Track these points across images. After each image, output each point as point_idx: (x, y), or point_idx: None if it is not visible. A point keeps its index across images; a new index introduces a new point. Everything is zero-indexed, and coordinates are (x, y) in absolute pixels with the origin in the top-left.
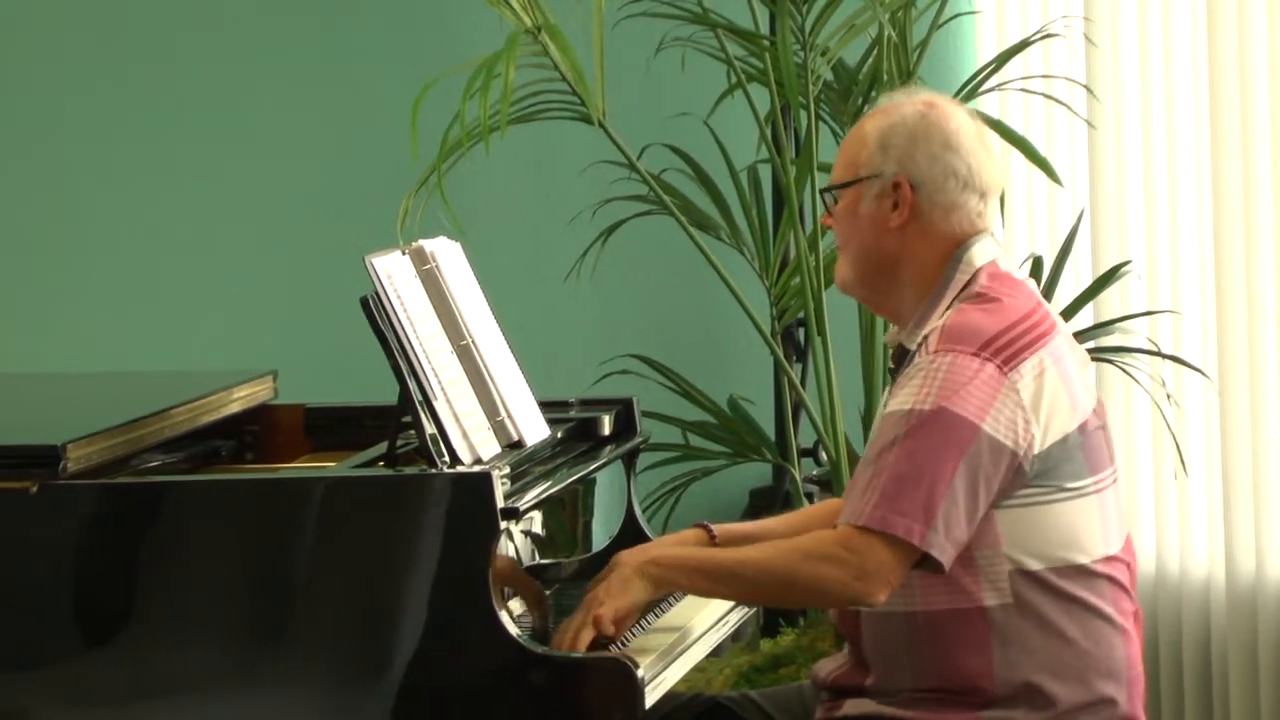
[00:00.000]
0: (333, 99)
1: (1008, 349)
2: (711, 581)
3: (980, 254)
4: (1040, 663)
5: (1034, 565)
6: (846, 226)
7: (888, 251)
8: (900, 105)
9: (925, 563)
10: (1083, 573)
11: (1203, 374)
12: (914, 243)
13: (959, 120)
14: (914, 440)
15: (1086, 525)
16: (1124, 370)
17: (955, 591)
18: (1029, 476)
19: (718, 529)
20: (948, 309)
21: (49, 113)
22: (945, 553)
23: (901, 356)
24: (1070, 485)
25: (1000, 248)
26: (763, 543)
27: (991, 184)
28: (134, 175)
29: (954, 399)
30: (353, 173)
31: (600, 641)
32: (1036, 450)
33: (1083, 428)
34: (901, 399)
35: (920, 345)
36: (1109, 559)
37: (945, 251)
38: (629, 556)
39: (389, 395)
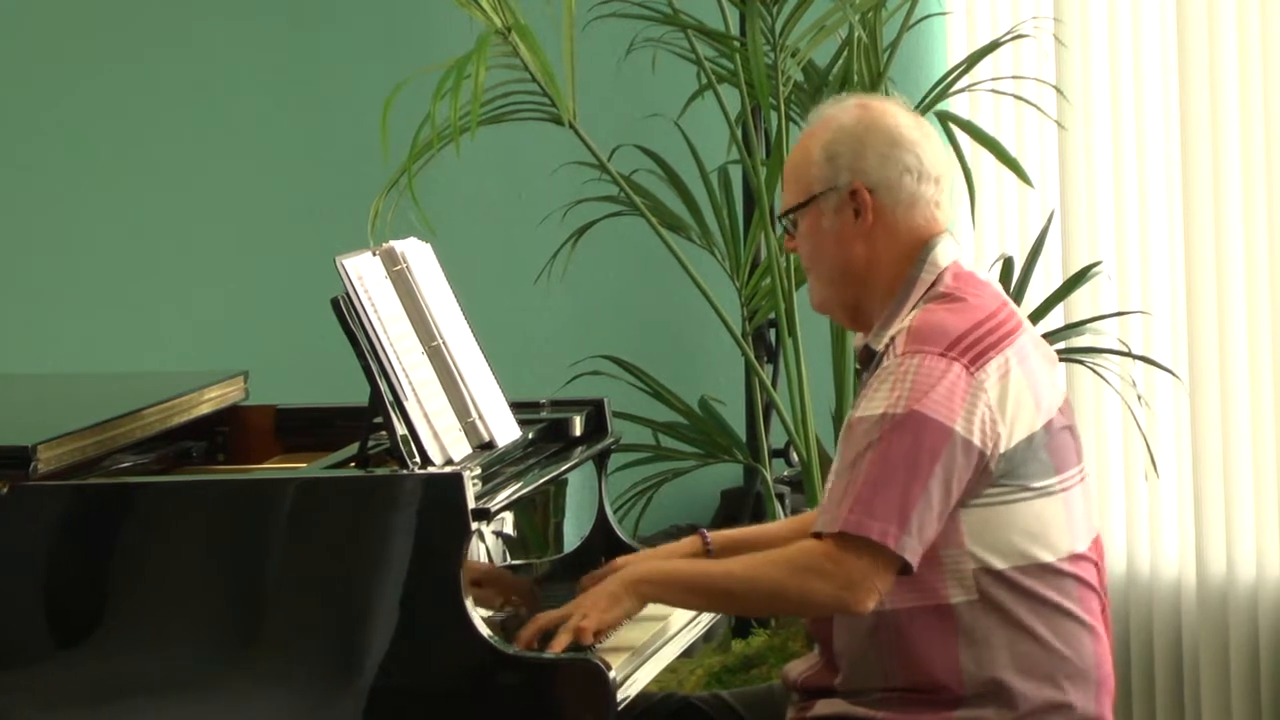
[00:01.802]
0: (304, 101)
1: (974, 348)
2: (701, 598)
3: (944, 254)
4: (1007, 660)
5: (998, 564)
6: (812, 246)
7: (857, 259)
8: (834, 115)
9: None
10: (1048, 571)
11: (1173, 374)
12: (881, 244)
13: (896, 114)
14: (887, 444)
15: (1052, 523)
16: (1094, 371)
17: (921, 589)
18: (995, 476)
19: (713, 536)
20: (913, 309)
21: (30, 113)
22: (916, 555)
23: (867, 358)
24: (1035, 484)
25: (960, 248)
26: (749, 555)
27: (942, 169)
28: (107, 175)
29: (925, 401)
30: (323, 174)
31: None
32: (1002, 449)
33: (1048, 426)
34: (873, 403)
35: (887, 347)
36: (1075, 557)
37: (910, 250)
38: (623, 571)
39: (360, 396)
